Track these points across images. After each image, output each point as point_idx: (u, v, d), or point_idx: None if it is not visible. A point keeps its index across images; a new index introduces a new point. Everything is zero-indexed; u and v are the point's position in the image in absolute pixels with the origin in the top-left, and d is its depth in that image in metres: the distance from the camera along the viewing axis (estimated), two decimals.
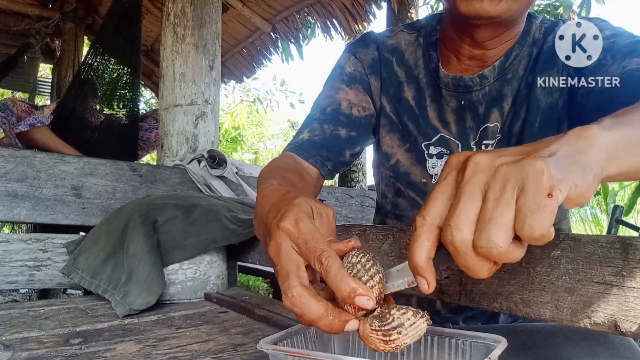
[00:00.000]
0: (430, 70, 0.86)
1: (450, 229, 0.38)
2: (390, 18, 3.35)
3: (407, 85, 0.89)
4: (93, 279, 1.14)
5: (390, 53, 0.90)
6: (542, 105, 0.80)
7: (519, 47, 0.80)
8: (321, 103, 0.89)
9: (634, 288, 0.49)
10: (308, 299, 0.43)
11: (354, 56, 0.91)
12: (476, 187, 0.38)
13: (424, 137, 0.87)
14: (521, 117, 0.81)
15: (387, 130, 0.90)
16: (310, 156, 0.82)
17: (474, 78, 0.81)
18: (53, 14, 3.69)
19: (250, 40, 3.36)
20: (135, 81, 2.51)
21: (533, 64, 0.81)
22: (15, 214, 1.33)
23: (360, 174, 5.63)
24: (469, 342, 0.54)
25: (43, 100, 5.91)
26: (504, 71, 0.81)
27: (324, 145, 0.84)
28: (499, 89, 0.82)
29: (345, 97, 0.88)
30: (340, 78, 0.90)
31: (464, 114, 0.84)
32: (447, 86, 0.84)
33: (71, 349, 0.77)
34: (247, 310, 1.02)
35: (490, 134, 0.84)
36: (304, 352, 0.48)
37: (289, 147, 0.85)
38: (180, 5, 1.85)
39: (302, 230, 0.45)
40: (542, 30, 0.82)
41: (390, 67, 0.90)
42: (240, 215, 1.29)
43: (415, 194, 0.89)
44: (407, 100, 0.89)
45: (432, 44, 0.87)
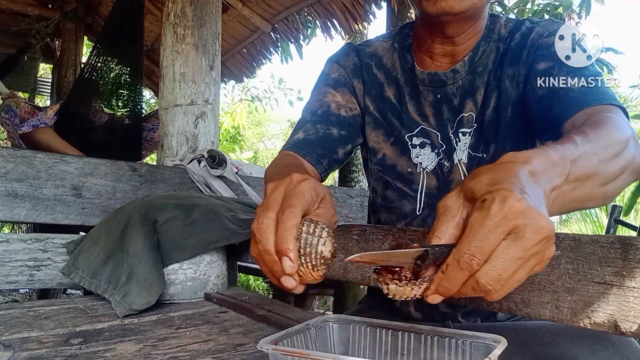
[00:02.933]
0: (406, 70, 0.94)
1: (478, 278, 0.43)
2: (390, 18, 3.35)
3: (387, 85, 0.97)
4: (93, 279, 1.14)
5: (370, 58, 0.99)
6: (512, 97, 0.87)
7: (485, 43, 0.89)
8: (311, 107, 0.95)
9: (634, 288, 0.49)
10: (270, 231, 0.49)
11: (337, 64, 1.00)
12: (489, 239, 0.42)
13: (406, 130, 0.94)
14: (491, 106, 0.89)
15: (372, 128, 0.97)
16: (307, 153, 0.87)
17: (447, 73, 0.89)
18: (53, 14, 3.69)
19: (250, 40, 3.36)
20: (138, 81, 2.51)
21: (501, 58, 0.89)
22: (15, 214, 1.33)
23: (360, 174, 5.62)
24: (469, 342, 0.54)
25: (43, 101, 5.92)
26: (475, 65, 0.89)
27: (319, 143, 0.89)
28: (471, 82, 0.90)
29: (333, 99, 0.95)
30: (326, 83, 0.98)
31: (441, 106, 0.91)
32: (424, 82, 0.91)
33: (71, 349, 0.77)
34: (247, 310, 1.02)
35: (465, 122, 0.91)
36: (304, 352, 0.48)
37: (287, 147, 0.90)
38: (180, 5, 1.85)
39: (299, 186, 0.53)
40: (507, 28, 0.90)
41: (370, 70, 0.98)
42: (240, 215, 1.29)
43: (402, 183, 0.95)
44: (389, 99, 0.96)
45: (406, 48, 0.95)
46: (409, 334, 0.58)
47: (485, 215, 0.41)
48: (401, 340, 0.59)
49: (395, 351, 0.59)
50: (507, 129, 0.87)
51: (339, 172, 6.01)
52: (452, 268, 0.43)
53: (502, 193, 0.41)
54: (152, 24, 3.38)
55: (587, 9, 4.54)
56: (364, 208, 2.21)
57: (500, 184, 0.43)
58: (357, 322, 0.63)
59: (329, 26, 2.99)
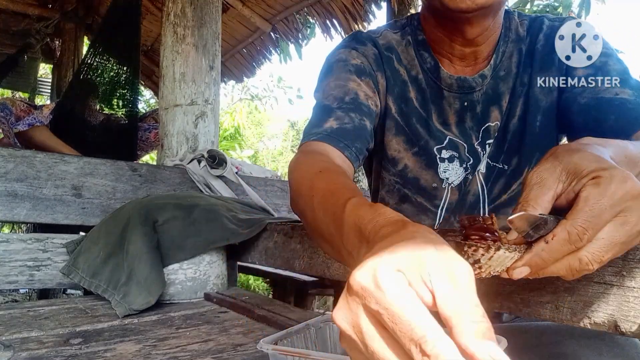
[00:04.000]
0: (426, 70, 0.83)
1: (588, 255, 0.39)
2: (390, 18, 3.35)
3: (410, 85, 0.84)
4: (93, 279, 1.13)
5: (389, 51, 0.84)
6: (542, 104, 0.81)
7: (503, 44, 0.81)
8: (334, 94, 0.76)
9: (634, 288, 0.49)
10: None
11: (355, 50, 0.82)
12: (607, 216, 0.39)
13: (435, 141, 0.83)
14: (517, 115, 0.81)
15: (393, 134, 0.84)
16: (346, 147, 0.70)
17: (476, 78, 0.80)
18: (53, 14, 3.69)
19: (250, 40, 3.36)
20: (135, 81, 2.51)
21: (526, 61, 0.81)
22: (15, 214, 1.33)
23: (360, 173, 5.62)
24: None
25: (43, 100, 5.91)
26: (496, 68, 0.81)
27: (357, 134, 0.72)
28: (494, 88, 0.81)
29: (359, 88, 0.78)
30: (346, 69, 0.80)
31: (465, 114, 0.83)
32: (451, 87, 0.81)
33: (71, 349, 0.77)
34: (247, 310, 1.02)
35: (492, 133, 0.83)
36: (304, 352, 0.48)
37: (317, 137, 0.71)
38: (180, 5, 1.85)
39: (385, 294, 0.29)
40: (524, 26, 0.82)
41: (392, 65, 0.84)
42: (240, 215, 1.29)
43: (424, 199, 0.85)
44: (413, 101, 0.84)
45: (421, 44, 0.83)
46: None
47: (603, 191, 0.38)
48: None
49: None
50: (535, 139, 0.81)
51: None
52: (559, 240, 0.39)
53: (619, 173, 0.39)
54: (152, 24, 3.38)
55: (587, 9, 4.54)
56: None
57: (609, 163, 0.41)
58: None
59: (329, 26, 2.99)
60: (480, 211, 0.83)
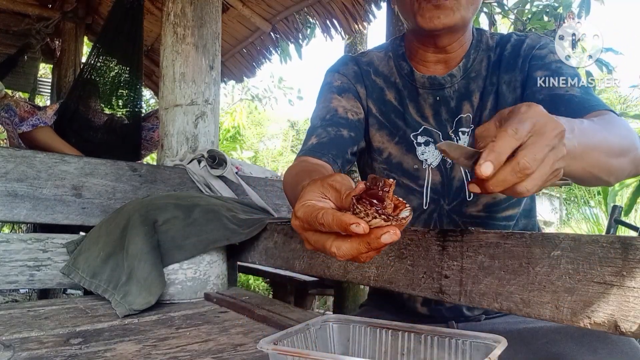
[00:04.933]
0: (403, 75, 1.00)
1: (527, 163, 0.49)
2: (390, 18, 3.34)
3: (387, 89, 1.02)
4: (93, 279, 1.14)
5: (367, 66, 1.05)
6: (509, 100, 0.94)
7: (475, 52, 0.96)
8: (319, 114, 1.00)
9: (634, 288, 0.49)
10: (331, 212, 0.47)
11: (337, 73, 1.05)
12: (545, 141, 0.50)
13: (411, 129, 0.99)
14: (488, 107, 0.95)
15: (376, 129, 1.02)
16: (323, 155, 0.91)
17: (445, 77, 0.95)
18: (53, 14, 3.69)
19: (250, 40, 3.36)
20: (137, 81, 2.51)
21: (494, 65, 0.96)
22: (15, 214, 1.33)
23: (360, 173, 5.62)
24: (469, 342, 0.54)
25: (43, 100, 5.92)
26: (468, 71, 0.96)
27: (332, 144, 0.93)
28: (466, 86, 0.96)
29: (339, 104, 1.00)
30: (330, 91, 1.03)
31: (439, 108, 0.97)
32: (424, 85, 0.97)
33: (71, 349, 0.77)
34: (247, 310, 1.02)
35: (464, 122, 0.97)
36: (304, 352, 0.48)
37: (302, 152, 0.94)
38: (180, 5, 1.85)
39: (304, 208, 0.50)
40: (494, 40, 0.98)
41: (369, 76, 1.04)
42: (240, 215, 1.29)
43: (409, 180, 0.98)
44: (391, 101, 1.01)
45: (400, 56, 1.01)
46: (409, 334, 0.58)
47: (516, 111, 0.51)
48: (401, 340, 0.59)
49: (395, 351, 0.59)
50: None
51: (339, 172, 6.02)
52: (503, 136, 0.48)
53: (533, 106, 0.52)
54: (152, 24, 3.38)
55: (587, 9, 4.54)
56: None
57: None
58: (357, 322, 0.63)
59: (329, 26, 2.99)
60: (465, 195, 0.94)
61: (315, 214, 0.47)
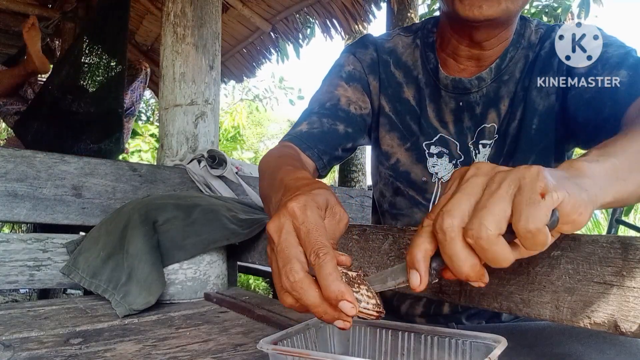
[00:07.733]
0: (428, 70, 0.88)
1: (442, 214, 0.41)
2: (390, 18, 3.35)
3: (406, 86, 0.91)
4: (93, 279, 1.13)
5: (388, 55, 0.93)
6: (539, 108, 0.82)
7: (513, 49, 0.83)
8: (320, 98, 0.90)
9: (634, 288, 0.49)
10: (308, 286, 0.43)
11: (353, 55, 0.94)
12: (474, 185, 0.41)
13: (425, 137, 0.89)
14: (517, 118, 0.84)
15: (386, 130, 0.92)
16: (308, 148, 0.84)
17: (472, 80, 0.83)
18: (53, 14, 3.68)
19: (250, 40, 3.36)
20: (121, 71, 2.53)
21: (530, 67, 0.83)
22: (15, 214, 1.33)
23: (360, 174, 5.63)
24: (469, 342, 0.54)
25: None
26: (500, 73, 0.83)
27: (322, 138, 0.85)
28: (495, 91, 0.84)
29: (344, 93, 0.90)
30: (339, 75, 0.92)
31: (462, 114, 0.87)
32: (447, 87, 0.86)
33: (71, 349, 0.77)
34: (247, 310, 1.02)
35: (487, 134, 0.86)
36: (304, 352, 0.48)
37: (288, 137, 0.86)
38: (180, 5, 1.85)
39: (308, 218, 0.46)
40: (538, 34, 0.85)
41: (388, 68, 0.92)
42: (240, 215, 1.29)
43: (415, 192, 0.91)
44: (408, 101, 0.90)
45: (429, 46, 0.89)
46: (409, 334, 0.58)
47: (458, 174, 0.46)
48: (401, 340, 0.59)
49: (395, 351, 0.59)
50: (530, 142, 0.83)
51: (338, 172, 6.02)
52: (416, 236, 0.44)
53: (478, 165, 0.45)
54: (152, 24, 3.38)
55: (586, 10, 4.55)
56: (364, 208, 2.21)
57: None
58: (357, 322, 0.63)
59: (329, 26, 2.99)
60: None
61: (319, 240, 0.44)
